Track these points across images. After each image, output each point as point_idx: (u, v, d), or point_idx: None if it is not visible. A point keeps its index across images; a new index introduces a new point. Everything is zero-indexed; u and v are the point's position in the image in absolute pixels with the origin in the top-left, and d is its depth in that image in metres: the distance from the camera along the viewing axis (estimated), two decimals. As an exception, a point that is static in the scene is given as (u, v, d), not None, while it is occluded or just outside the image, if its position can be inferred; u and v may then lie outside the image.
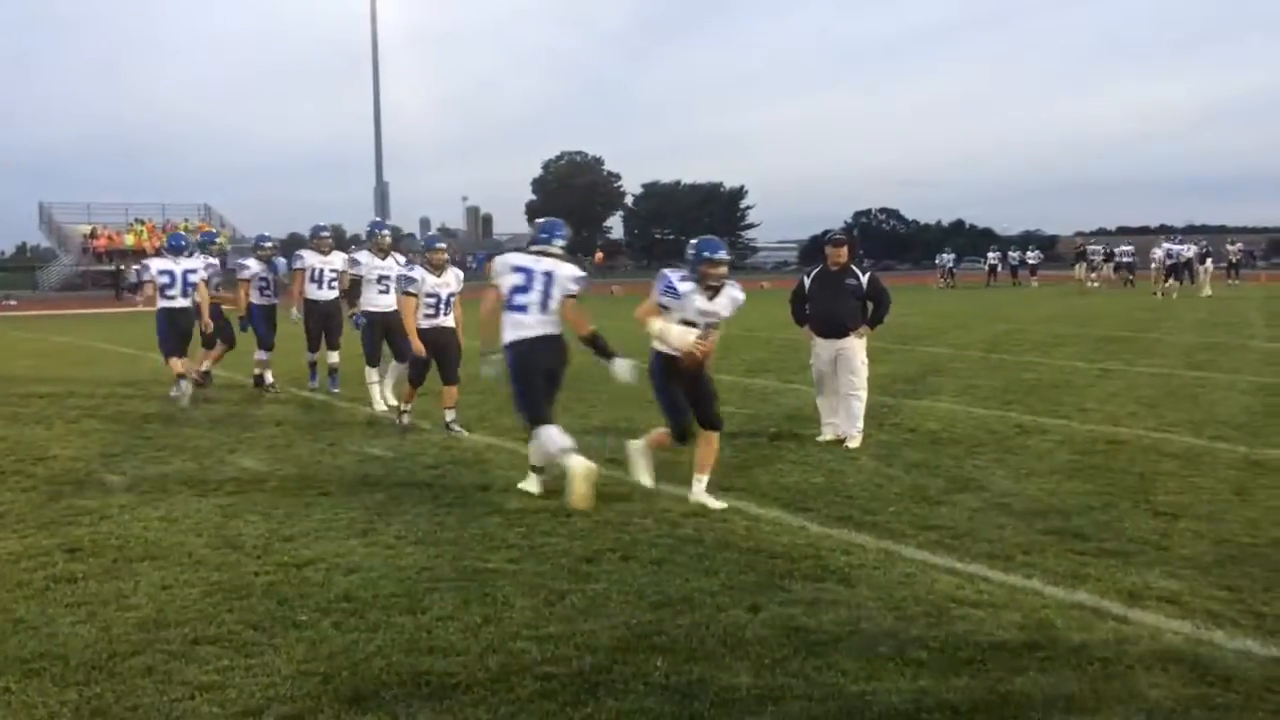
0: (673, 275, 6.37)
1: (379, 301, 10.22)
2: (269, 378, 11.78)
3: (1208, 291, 31.74)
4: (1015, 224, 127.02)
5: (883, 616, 4.44)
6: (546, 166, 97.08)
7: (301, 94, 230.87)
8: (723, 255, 6.37)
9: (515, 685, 3.74)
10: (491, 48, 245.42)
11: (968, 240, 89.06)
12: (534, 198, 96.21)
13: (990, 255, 49.90)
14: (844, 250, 8.55)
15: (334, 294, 11.32)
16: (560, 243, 6.72)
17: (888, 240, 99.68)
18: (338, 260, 11.30)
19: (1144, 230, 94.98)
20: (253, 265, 11.76)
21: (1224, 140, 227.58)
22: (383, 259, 10.36)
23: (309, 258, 11.50)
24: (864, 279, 8.46)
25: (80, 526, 5.94)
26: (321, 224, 11.92)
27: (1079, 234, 76.15)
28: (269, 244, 12.10)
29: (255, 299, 11.71)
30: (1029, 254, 48.28)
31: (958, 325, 21.28)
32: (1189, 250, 33.96)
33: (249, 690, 3.71)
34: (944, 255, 49.14)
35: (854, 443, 8.23)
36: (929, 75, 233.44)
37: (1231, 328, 19.72)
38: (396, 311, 9.51)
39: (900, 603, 4.60)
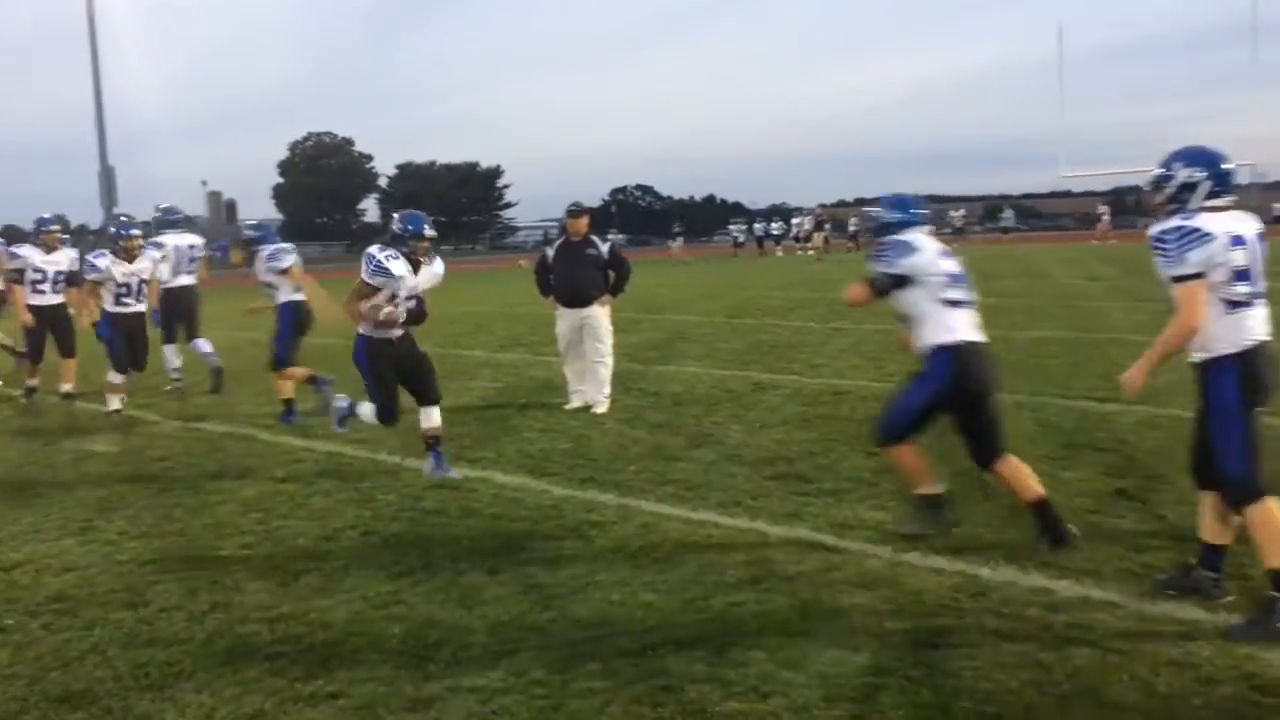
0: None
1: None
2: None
3: None
4: (761, 198, 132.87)
5: (618, 567, 4.63)
6: (293, 148, 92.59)
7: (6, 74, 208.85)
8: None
9: (241, 667, 3.65)
10: (221, 21, 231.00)
11: (717, 213, 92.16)
12: (281, 181, 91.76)
13: (732, 228, 51.82)
14: (583, 221, 8.71)
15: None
16: None
17: (644, 215, 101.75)
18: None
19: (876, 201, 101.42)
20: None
21: (937, 115, 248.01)
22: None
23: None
24: (604, 249, 8.67)
25: None
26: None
27: (820, 205, 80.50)
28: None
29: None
30: (773, 225, 50.67)
31: (706, 294, 22.09)
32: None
33: (-59, 703, 3.44)
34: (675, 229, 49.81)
35: (600, 408, 8.45)
36: (667, 60, 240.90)
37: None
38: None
39: (634, 553, 4.80)
